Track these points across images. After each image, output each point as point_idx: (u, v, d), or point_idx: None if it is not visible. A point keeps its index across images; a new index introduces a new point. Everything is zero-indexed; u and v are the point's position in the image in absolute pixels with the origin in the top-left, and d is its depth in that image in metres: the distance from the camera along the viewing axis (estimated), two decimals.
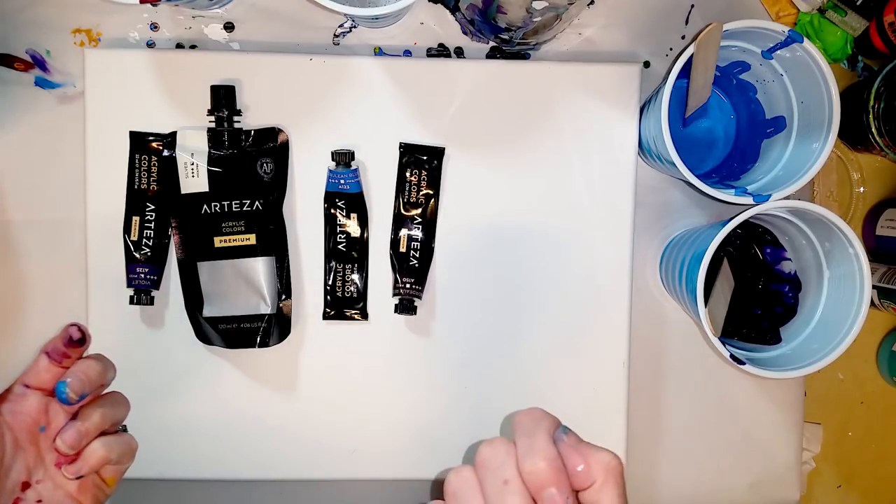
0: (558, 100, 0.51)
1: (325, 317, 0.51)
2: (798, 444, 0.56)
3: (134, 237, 0.50)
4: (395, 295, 0.51)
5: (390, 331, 0.52)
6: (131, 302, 0.50)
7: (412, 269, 0.51)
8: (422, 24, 0.53)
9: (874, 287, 0.54)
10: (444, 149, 0.51)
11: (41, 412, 0.39)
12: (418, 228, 0.51)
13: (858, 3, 0.52)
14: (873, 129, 0.51)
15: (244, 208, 0.50)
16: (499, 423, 0.53)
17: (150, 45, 0.52)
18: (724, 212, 0.54)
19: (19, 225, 0.52)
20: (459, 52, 0.54)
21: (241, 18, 0.53)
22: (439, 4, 0.53)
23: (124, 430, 0.42)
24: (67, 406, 0.38)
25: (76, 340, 0.39)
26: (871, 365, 0.59)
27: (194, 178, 0.49)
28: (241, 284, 0.50)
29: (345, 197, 0.51)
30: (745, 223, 0.47)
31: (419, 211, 0.51)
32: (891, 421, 0.60)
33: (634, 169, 0.52)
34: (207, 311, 0.50)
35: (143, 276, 0.50)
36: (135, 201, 0.50)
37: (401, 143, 0.51)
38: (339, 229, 0.51)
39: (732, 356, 0.46)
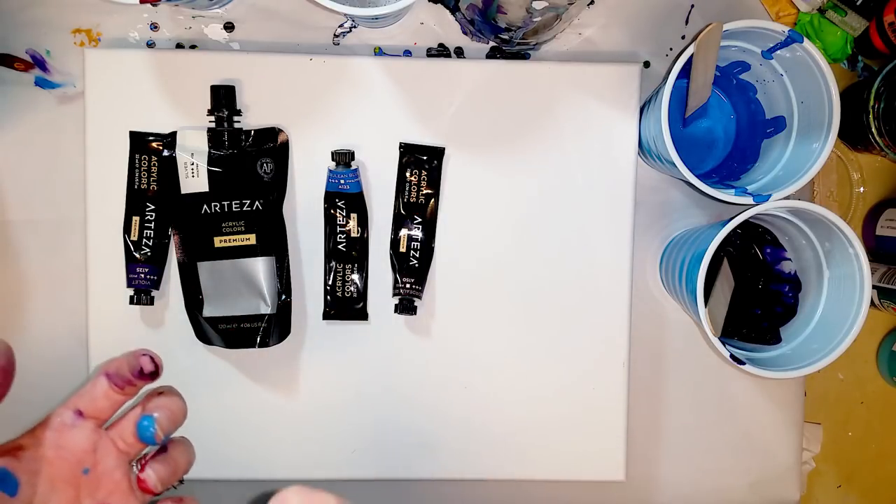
0: (558, 100, 0.51)
1: (325, 317, 0.51)
2: (798, 444, 0.56)
3: (134, 237, 0.50)
4: (395, 295, 0.51)
5: (390, 331, 0.52)
6: (131, 302, 0.50)
7: (412, 269, 0.51)
8: (422, 24, 0.53)
9: (874, 287, 0.54)
10: (444, 149, 0.51)
11: (88, 451, 0.34)
12: (418, 228, 0.51)
13: (858, 3, 0.52)
14: (873, 129, 0.51)
15: (244, 208, 0.50)
16: (498, 423, 0.53)
17: (150, 45, 0.52)
18: (724, 212, 0.54)
19: (19, 225, 0.52)
20: (459, 52, 0.54)
21: (241, 18, 0.53)
22: (439, 4, 0.53)
23: (182, 482, 0.38)
24: (149, 445, 0.34)
25: (148, 374, 0.34)
26: (871, 365, 0.59)
27: (194, 178, 0.49)
28: (241, 284, 0.50)
29: (345, 197, 0.51)
30: (745, 223, 0.47)
31: (419, 211, 0.51)
32: (891, 421, 0.60)
33: (634, 169, 0.52)
34: (207, 311, 0.50)
35: (143, 276, 0.50)
36: (135, 201, 0.50)
37: (401, 143, 0.51)
38: (339, 229, 0.51)
39: (732, 356, 0.46)
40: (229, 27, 0.53)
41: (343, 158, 0.50)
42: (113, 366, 0.34)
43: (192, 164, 0.49)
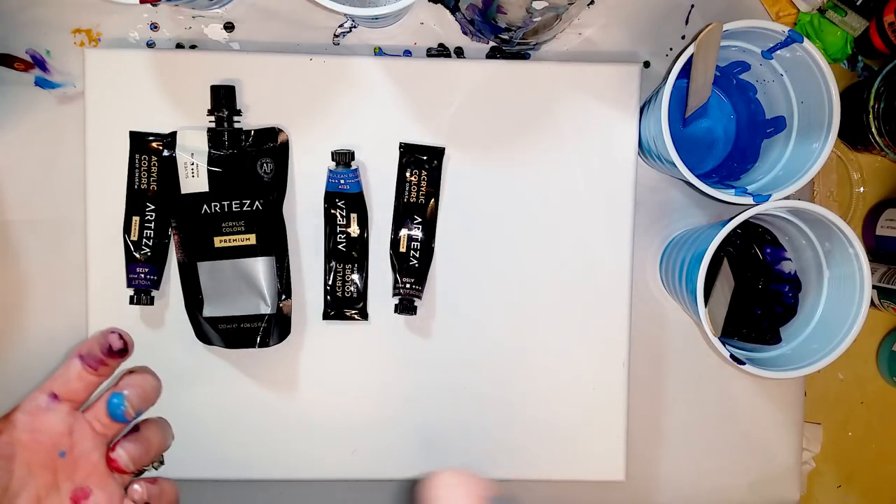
0: (558, 100, 0.51)
1: (325, 317, 0.51)
2: (798, 444, 0.56)
3: (134, 237, 0.50)
4: (395, 295, 0.51)
5: (390, 331, 0.52)
6: (131, 302, 0.50)
7: (412, 269, 0.51)
8: (422, 24, 0.53)
9: (874, 287, 0.54)
10: (444, 149, 0.51)
11: (64, 433, 0.34)
12: (418, 228, 0.51)
13: (858, 3, 0.52)
14: (873, 129, 0.51)
15: (244, 208, 0.50)
16: (498, 423, 0.53)
17: (150, 45, 0.52)
18: (724, 212, 0.54)
19: (19, 225, 0.52)
20: (459, 52, 0.54)
21: (241, 18, 0.53)
22: (439, 4, 0.53)
23: (162, 462, 0.38)
24: (120, 423, 0.34)
25: (117, 351, 0.34)
26: (871, 365, 0.59)
27: (194, 178, 0.49)
28: (241, 284, 0.50)
29: (345, 197, 0.51)
30: (745, 223, 0.47)
31: (419, 211, 0.51)
32: (891, 421, 0.60)
33: (634, 169, 0.52)
34: (207, 311, 0.50)
35: (143, 276, 0.50)
36: (135, 201, 0.50)
37: (401, 143, 0.51)
38: (339, 229, 0.51)
39: (732, 356, 0.46)
40: (229, 27, 0.53)
41: (343, 158, 0.50)
42: (85, 347, 0.34)
43: (192, 164, 0.49)
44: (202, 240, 0.50)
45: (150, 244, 0.50)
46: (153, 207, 0.50)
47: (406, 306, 0.51)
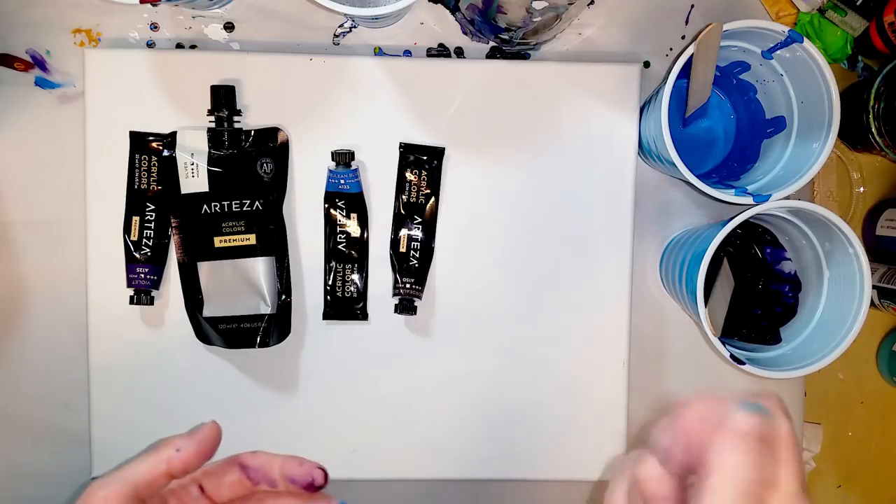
0: (558, 100, 0.51)
1: (325, 317, 0.51)
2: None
3: (134, 237, 0.50)
4: (395, 295, 0.51)
5: (390, 331, 0.52)
6: (131, 302, 0.50)
7: (412, 269, 0.51)
8: (422, 24, 0.53)
9: (874, 287, 0.54)
10: (444, 149, 0.51)
11: None
12: (418, 228, 0.51)
13: (858, 3, 0.52)
14: (873, 129, 0.51)
15: (244, 208, 0.50)
16: (498, 423, 0.53)
17: (150, 45, 0.52)
18: (724, 212, 0.54)
19: (19, 225, 0.52)
20: (459, 52, 0.54)
21: (241, 18, 0.53)
22: (439, 4, 0.53)
23: None
24: None
25: (317, 486, 0.35)
26: (871, 365, 0.59)
27: (194, 178, 0.49)
28: (241, 284, 0.50)
29: (345, 197, 0.51)
30: (745, 223, 0.47)
31: (419, 211, 0.51)
32: (891, 421, 0.60)
33: (634, 169, 0.52)
34: (207, 311, 0.50)
35: (143, 276, 0.50)
36: (135, 201, 0.50)
37: (401, 143, 0.51)
38: (339, 229, 0.51)
39: (732, 356, 0.46)
40: (229, 27, 0.53)
41: (343, 158, 0.50)
42: (257, 461, 0.36)
43: (192, 164, 0.49)
44: (202, 240, 0.50)
45: (150, 244, 0.50)
46: (153, 207, 0.50)
47: (406, 306, 0.51)
